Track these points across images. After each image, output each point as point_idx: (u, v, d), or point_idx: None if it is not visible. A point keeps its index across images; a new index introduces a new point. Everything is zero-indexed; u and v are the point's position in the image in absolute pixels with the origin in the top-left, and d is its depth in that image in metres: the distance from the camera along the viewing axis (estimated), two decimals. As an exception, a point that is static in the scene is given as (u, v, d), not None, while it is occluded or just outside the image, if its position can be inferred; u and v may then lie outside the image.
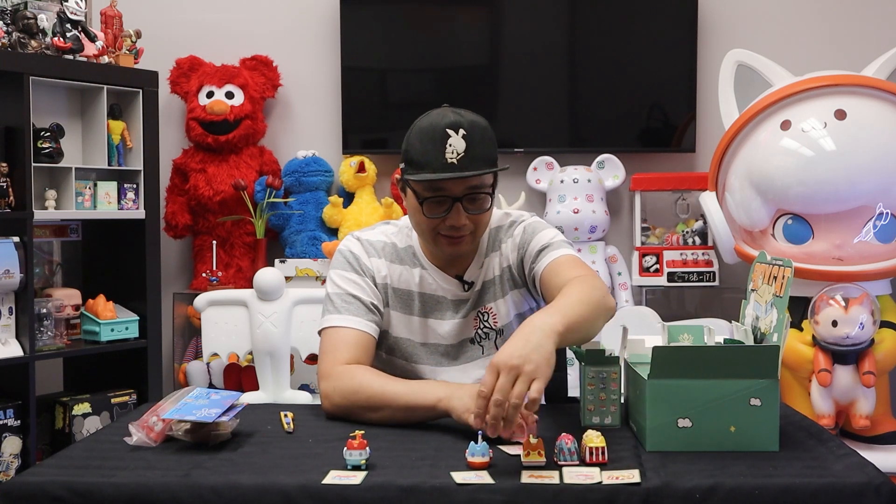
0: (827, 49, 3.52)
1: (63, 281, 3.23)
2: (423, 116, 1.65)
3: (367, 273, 1.75)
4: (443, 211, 1.63)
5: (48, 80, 2.87)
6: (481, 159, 1.60)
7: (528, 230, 1.77)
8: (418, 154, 1.61)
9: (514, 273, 1.77)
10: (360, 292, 1.72)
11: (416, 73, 3.72)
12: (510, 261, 1.77)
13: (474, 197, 1.64)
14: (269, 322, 2.73)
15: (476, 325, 1.77)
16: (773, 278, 1.43)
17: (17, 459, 2.78)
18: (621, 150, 3.53)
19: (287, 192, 3.60)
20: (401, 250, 1.78)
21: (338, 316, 1.70)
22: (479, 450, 1.27)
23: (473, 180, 1.62)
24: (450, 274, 1.76)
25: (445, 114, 1.62)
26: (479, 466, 1.26)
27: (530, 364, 1.27)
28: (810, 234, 2.88)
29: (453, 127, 1.59)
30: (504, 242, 1.78)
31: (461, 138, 1.58)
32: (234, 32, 3.73)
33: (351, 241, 1.80)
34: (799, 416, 1.57)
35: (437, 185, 1.61)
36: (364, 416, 1.56)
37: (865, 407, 2.76)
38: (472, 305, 1.76)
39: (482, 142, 1.61)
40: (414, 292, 1.76)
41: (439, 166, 1.58)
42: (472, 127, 1.60)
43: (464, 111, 1.64)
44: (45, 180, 2.94)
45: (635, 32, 3.59)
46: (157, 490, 1.21)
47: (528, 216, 1.82)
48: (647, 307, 3.29)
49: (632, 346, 1.57)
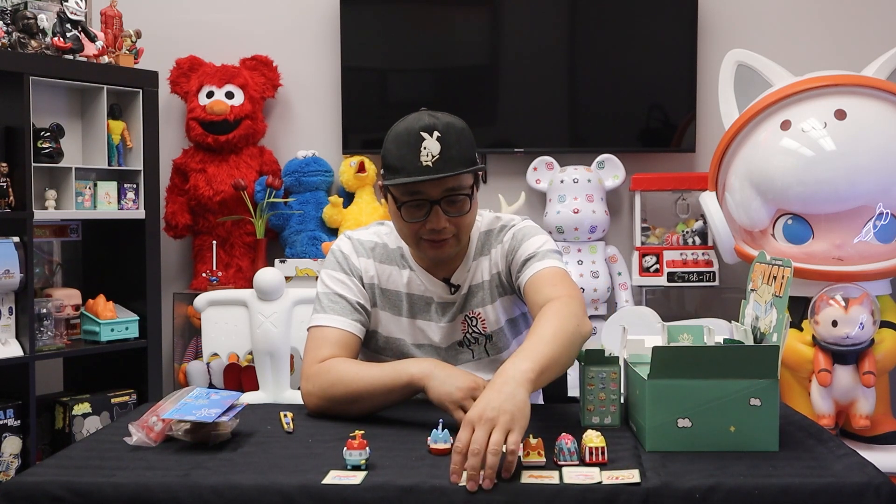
0: (827, 49, 3.52)
1: (63, 281, 3.23)
2: (400, 121, 1.64)
3: (355, 273, 1.75)
4: (422, 215, 1.63)
5: (48, 80, 2.87)
6: (457, 160, 1.59)
7: (517, 237, 1.75)
8: (394, 158, 1.61)
9: (503, 280, 1.76)
10: (347, 292, 1.73)
11: (416, 73, 3.72)
12: (499, 267, 1.76)
13: (453, 199, 1.63)
14: (269, 322, 2.73)
15: (464, 329, 1.76)
16: (772, 278, 1.43)
17: (17, 459, 2.78)
18: (621, 150, 3.53)
19: (287, 192, 3.60)
20: (391, 251, 1.78)
21: (323, 315, 1.71)
22: (441, 437, 1.32)
23: (450, 182, 1.60)
24: (437, 277, 1.75)
25: (421, 117, 1.61)
26: (442, 453, 1.31)
27: (505, 415, 1.25)
28: (810, 234, 2.88)
29: (427, 130, 1.58)
30: (494, 248, 1.77)
31: (435, 140, 1.57)
32: (234, 32, 3.73)
33: (342, 241, 1.80)
34: (799, 416, 1.57)
35: (414, 189, 1.61)
36: (347, 409, 1.57)
37: (865, 407, 2.76)
38: (459, 309, 1.76)
39: (458, 143, 1.60)
40: (402, 293, 1.76)
41: (414, 170, 1.58)
42: (447, 129, 1.59)
43: (440, 114, 1.62)
44: (45, 180, 2.94)
45: (635, 32, 3.59)
46: (157, 490, 1.21)
47: (520, 221, 1.80)
48: (647, 307, 3.29)
49: (632, 346, 1.57)
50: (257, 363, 2.75)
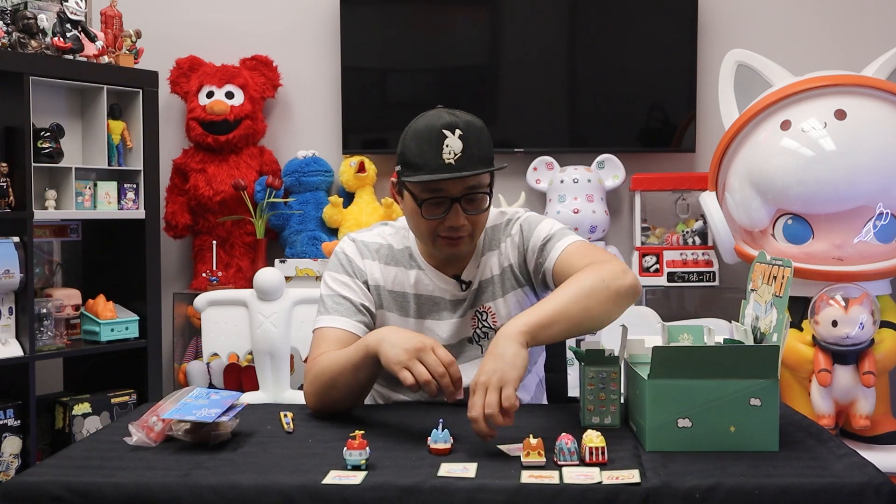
0: (827, 49, 3.52)
1: (63, 281, 3.23)
2: (419, 118, 1.65)
3: (359, 275, 1.75)
4: (441, 212, 1.63)
5: (48, 80, 2.88)
6: (478, 159, 1.60)
7: (526, 226, 1.76)
8: (415, 156, 1.61)
9: (515, 272, 1.77)
10: (351, 293, 1.73)
11: (416, 73, 3.72)
12: (511, 260, 1.77)
13: (472, 197, 1.64)
14: (269, 322, 2.73)
15: (474, 324, 1.76)
16: (772, 278, 1.43)
17: (17, 459, 2.78)
18: (621, 150, 3.53)
19: (287, 192, 3.60)
20: (397, 252, 1.78)
21: (327, 317, 1.71)
22: (441, 437, 1.32)
23: (471, 180, 1.61)
24: (447, 274, 1.76)
25: (441, 115, 1.61)
26: (442, 453, 1.32)
27: (495, 375, 1.37)
28: (810, 234, 2.88)
29: (449, 127, 1.59)
30: (503, 242, 1.78)
31: (458, 138, 1.58)
32: (234, 32, 3.73)
33: (346, 243, 1.80)
34: (799, 416, 1.57)
35: (436, 186, 1.61)
36: (332, 397, 1.59)
37: (865, 407, 2.76)
38: (470, 304, 1.76)
39: (478, 141, 1.61)
40: (409, 294, 1.76)
41: (436, 167, 1.58)
42: (468, 127, 1.60)
43: (459, 112, 1.63)
44: (45, 180, 2.94)
45: (635, 32, 3.59)
46: (157, 490, 1.21)
47: (523, 212, 1.81)
48: (647, 307, 3.29)
49: (632, 346, 1.57)
50: (257, 363, 2.75)
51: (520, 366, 1.39)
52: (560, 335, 1.51)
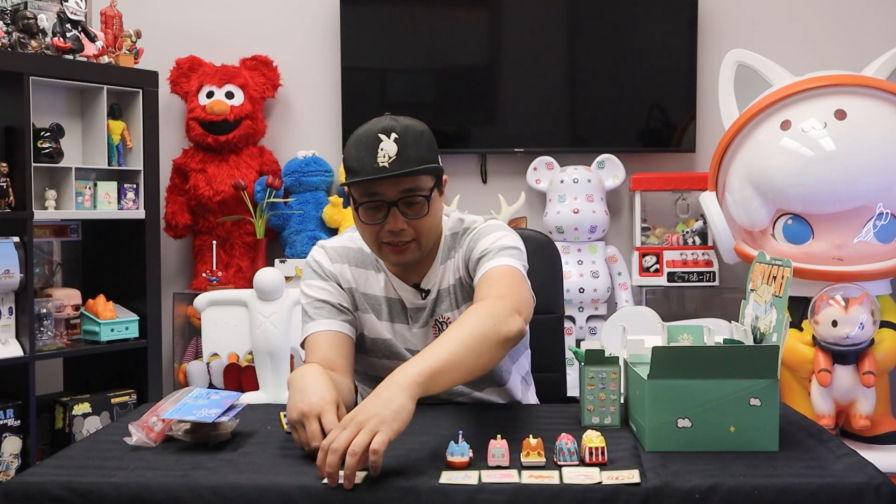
0: (827, 49, 3.52)
1: (63, 281, 3.23)
2: (362, 125, 1.64)
3: (332, 277, 1.75)
4: (380, 217, 1.62)
5: (48, 80, 2.88)
6: (415, 161, 1.58)
7: (474, 238, 1.73)
8: (353, 160, 1.60)
9: (464, 284, 1.74)
10: (328, 296, 1.73)
11: (416, 73, 3.72)
12: (461, 272, 1.74)
13: (410, 201, 1.62)
14: (269, 322, 2.73)
15: (435, 334, 1.74)
16: (772, 278, 1.43)
17: (17, 459, 2.78)
18: (621, 150, 3.53)
19: (287, 192, 3.60)
20: (366, 255, 1.77)
21: (311, 324, 1.71)
22: (458, 449, 1.28)
23: (407, 182, 1.60)
24: (407, 282, 1.75)
25: (380, 120, 1.61)
26: (460, 466, 1.27)
27: (375, 418, 1.26)
28: (810, 234, 2.88)
29: (385, 132, 1.58)
30: (457, 251, 1.75)
31: (392, 142, 1.57)
32: (234, 32, 3.73)
33: (315, 251, 1.80)
34: (799, 416, 1.57)
35: (371, 189, 1.60)
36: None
37: (865, 407, 2.76)
38: (430, 314, 1.75)
39: (416, 144, 1.59)
40: (381, 297, 1.76)
41: (371, 170, 1.57)
42: (406, 131, 1.59)
43: (402, 117, 1.63)
44: (45, 180, 2.94)
45: (635, 32, 3.59)
46: (157, 490, 1.21)
47: (480, 221, 1.77)
48: (647, 307, 3.29)
49: (631, 346, 1.57)
50: (257, 363, 2.76)
51: (403, 420, 1.29)
52: (450, 384, 1.44)
